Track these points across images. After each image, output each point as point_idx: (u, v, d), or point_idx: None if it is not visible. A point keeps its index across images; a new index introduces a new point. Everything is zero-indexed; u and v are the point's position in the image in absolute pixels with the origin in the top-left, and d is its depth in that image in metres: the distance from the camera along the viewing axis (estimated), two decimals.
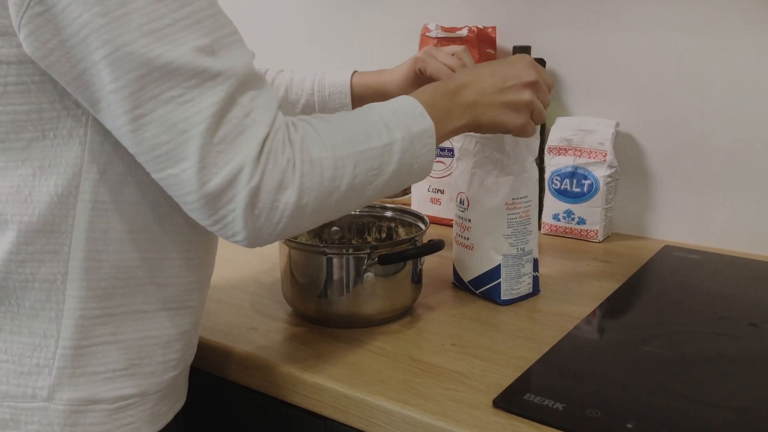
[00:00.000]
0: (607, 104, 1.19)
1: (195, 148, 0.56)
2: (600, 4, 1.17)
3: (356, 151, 0.65)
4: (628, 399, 0.68)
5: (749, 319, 0.86)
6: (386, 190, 0.70)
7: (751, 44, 1.06)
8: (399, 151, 0.68)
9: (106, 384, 0.65)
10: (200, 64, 0.56)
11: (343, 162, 0.64)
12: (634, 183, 1.19)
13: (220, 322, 0.87)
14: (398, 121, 0.69)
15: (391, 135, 0.68)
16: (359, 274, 0.82)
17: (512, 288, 0.90)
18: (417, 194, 1.27)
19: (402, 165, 0.69)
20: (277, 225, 0.61)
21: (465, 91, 0.76)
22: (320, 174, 0.62)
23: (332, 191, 0.63)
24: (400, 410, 0.68)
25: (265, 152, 0.59)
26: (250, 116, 0.59)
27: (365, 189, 0.67)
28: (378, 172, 0.67)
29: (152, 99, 0.56)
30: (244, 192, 0.58)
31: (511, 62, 0.79)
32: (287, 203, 0.60)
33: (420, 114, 0.71)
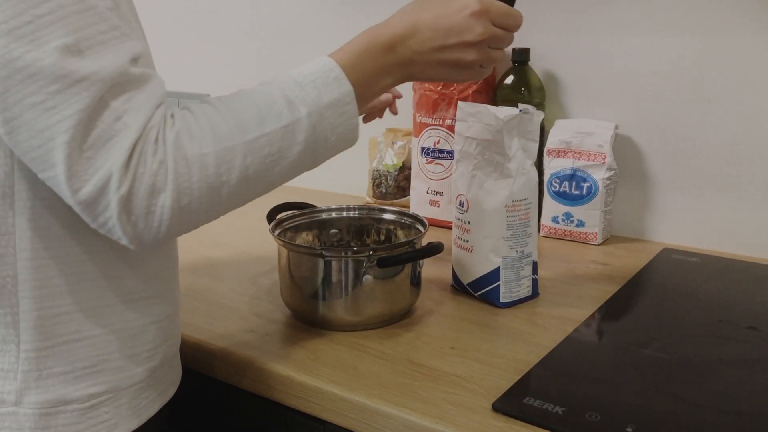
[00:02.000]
0: (606, 107, 1.19)
1: (61, 157, 0.54)
2: (599, 6, 1.17)
3: (246, 140, 0.61)
4: (627, 402, 0.68)
5: (748, 322, 0.86)
6: (300, 169, 0.66)
7: (750, 46, 1.06)
8: (305, 129, 0.64)
9: (75, 383, 0.64)
10: (63, 67, 0.53)
11: (229, 154, 0.60)
12: (633, 185, 1.19)
13: (218, 324, 0.86)
14: (304, 93, 0.65)
15: (293, 113, 0.64)
16: (358, 277, 0.82)
17: (511, 291, 0.90)
18: (416, 196, 1.27)
19: (313, 141, 0.65)
20: (159, 228, 0.59)
21: (400, 46, 0.70)
22: (200, 172, 0.59)
23: (219, 186, 0.60)
24: (399, 414, 0.67)
25: (135, 156, 0.56)
26: (122, 119, 0.56)
27: (267, 176, 0.64)
28: (279, 156, 0.63)
29: (17, 103, 0.54)
30: (114, 201, 0.56)
31: (456, 10, 0.71)
32: (164, 206, 0.58)
33: (335, 79, 0.66)
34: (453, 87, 1.20)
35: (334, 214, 0.98)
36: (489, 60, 0.74)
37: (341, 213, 0.98)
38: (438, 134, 1.22)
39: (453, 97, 1.19)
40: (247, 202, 0.65)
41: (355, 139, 0.69)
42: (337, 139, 0.67)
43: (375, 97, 0.72)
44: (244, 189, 0.63)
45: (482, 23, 0.71)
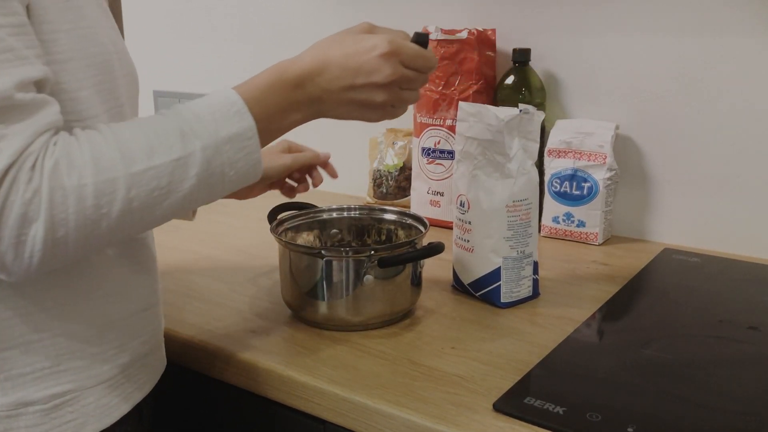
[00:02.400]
0: (606, 107, 1.19)
1: None
2: (600, 6, 1.17)
3: (131, 172, 0.58)
4: (628, 402, 0.68)
5: (749, 322, 0.86)
6: (194, 204, 0.63)
7: (751, 47, 1.06)
8: (198, 164, 0.61)
9: (36, 384, 0.64)
10: None
11: (111, 186, 0.57)
12: (634, 186, 1.19)
13: (219, 324, 0.86)
14: (201, 126, 0.62)
15: (187, 146, 0.60)
16: (359, 277, 0.82)
17: (512, 291, 0.90)
18: (416, 196, 1.27)
19: (208, 176, 0.62)
20: (30, 260, 0.56)
21: (309, 83, 0.68)
22: (77, 203, 0.56)
23: (99, 219, 0.57)
24: (400, 414, 0.67)
25: (5, 184, 0.54)
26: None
27: (153, 210, 0.60)
28: (168, 190, 0.60)
29: None
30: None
31: (365, 50, 0.69)
32: (35, 237, 0.55)
33: (236, 113, 0.63)
34: (453, 87, 1.20)
35: (334, 214, 0.98)
36: (400, 101, 0.73)
37: (342, 213, 0.98)
38: (438, 134, 1.22)
39: (454, 98, 1.19)
40: (135, 235, 0.62)
41: (259, 175, 0.66)
42: (237, 174, 0.64)
43: (283, 133, 0.69)
44: (126, 223, 0.59)
45: (391, 65, 0.69)
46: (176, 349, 0.84)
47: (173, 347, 0.84)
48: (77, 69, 0.62)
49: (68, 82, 0.61)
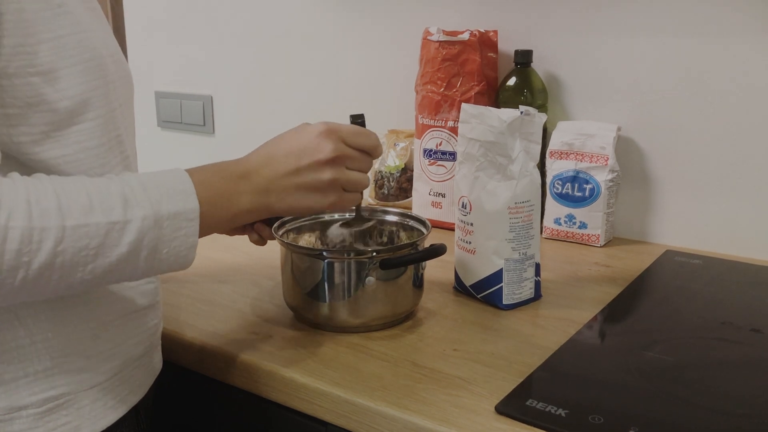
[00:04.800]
0: (608, 108, 1.19)
1: None
2: (602, 8, 1.17)
3: (65, 224, 0.55)
4: (630, 405, 0.68)
5: (751, 324, 0.85)
6: (116, 276, 0.60)
7: (753, 48, 1.06)
8: (134, 232, 0.59)
9: (29, 388, 0.63)
10: None
11: (41, 235, 0.54)
12: (636, 187, 1.19)
13: (220, 326, 0.86)
14: (145, 196, 0.60)
15: (127, 213, 0.58)
16: (361, 279, 0.82)
17: (514, 292, 0.90)
18: (418, 198, 1.27)
19: (140, 249, 0.59)
20: None
21: (254, 175, 0.69)
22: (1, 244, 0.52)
23: (16, 267, 0.54)
24: (402, 416, 0.67)
25: None
26: None
27: (75, 272, 0.57)
28: (97, 253, 0.57)
29: None
30: None
31: (305, 134, 0.72)
32: None
33: (182, 192, 0.62)
34: (455, 89, 1.20)
35: (336, 215, 0.98)
36: (349, 182, 0.74)
37: (344, 214, 0.98)
38: (440, 136, 1.22)
39: (455, 99, 1.19)
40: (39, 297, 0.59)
41: (190, 262, 0.64)
42: (169, 254, 0.62)
43: (228, 225, 0.68)
44: (42, 280, 0.56)
45: (332, 141, 0.71)
46: (177, 350, 0.84)
47: (174, 348, 0.84)
48: (72, 75, 0.62)
49: (64, 89, 0.61)
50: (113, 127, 0.67)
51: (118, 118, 0.68)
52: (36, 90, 0.59)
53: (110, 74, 0.66)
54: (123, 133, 0.70)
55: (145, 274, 0.63)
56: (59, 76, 0.61)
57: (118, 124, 0.68)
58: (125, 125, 0.71)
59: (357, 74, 1.46)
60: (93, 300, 0.67)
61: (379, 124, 1.42)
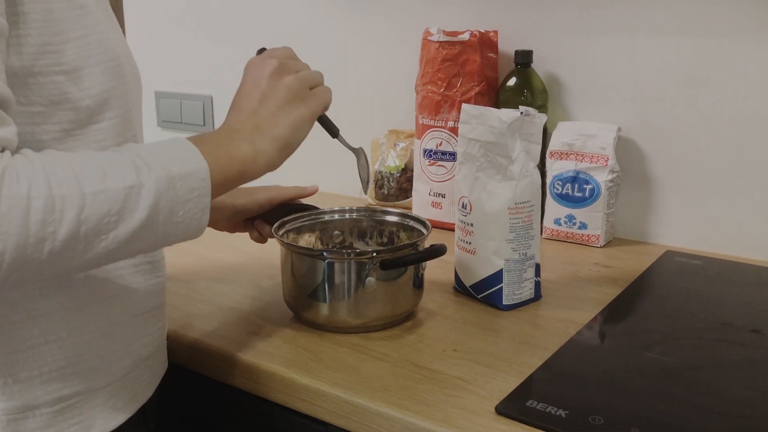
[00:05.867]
0: (608, 109, 1.19)
1: None
2: (602, 8, 1.17)
3: (84, 191, 0.55)
4: (630, 405, 0.67)
5: (752, 325, 0.85)
6: (136, 245, 0.59)
7: (753, 49, 1.06)
8: (151, 195, 0.58)
9: (43, 387, 0.64)
10: None
11: (63, 203, 0.53)
12: (636, 188, 1.19)
13: (220, 326, 0.86)
14: (155, 161, 0.60)
15: (140, 177, 0.58)
16: (361, 279, 0.82)
17: (514, 293, 0.90)
18: (418, 198, 1.27)
19: (158, 212, 0.59)
20: None
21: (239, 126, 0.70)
22: (24, 216, 0.51)
23: (43, 239, 0.53)
24: (402, 416, 0.67)
25: None
26: None
27: (99, 240, 0.56)
28: (119, 219, 0.56)
29: None
30: None
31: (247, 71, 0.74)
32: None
33: (188, 154, 0.62)
34: (455, 89, 1.20)
35: (336, 215, 0.98)
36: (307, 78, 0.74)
37: (344, 215, 0.98)
38: (440, 136, 1.22)
39: (456, 99, 1.19)
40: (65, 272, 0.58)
41: (204, 226, 0.64)
42: (185, 216, 0.61)
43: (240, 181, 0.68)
44: (69, 251, 0.55)
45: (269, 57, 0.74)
46: (178, 350, 0.84)
47: (175, 349, 0.84)
48: (94, 74, 0.63)
49: (87, 88, 0.62)
50: (129, 127, 0.68)
51: (134, 118, 0.70)
52: (60, 88, 0.60)
53: (126, 74, 0.67)
54: (138, 132, 0.71)
55: (163, 241, 0.62)
56: (83, 75, 0.62)
57: (134, 123, 0.70)
58: (138, 125, 0.72)
59: (357, 74, 1.46)
60: (105, 300, 0.67)
61: (379, 124, 1.42)
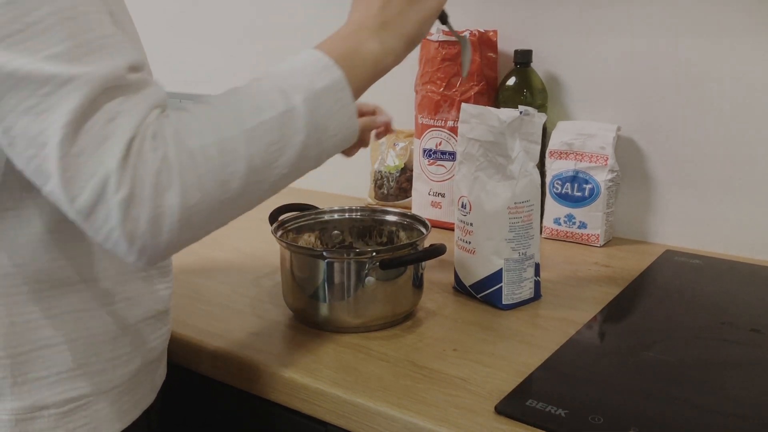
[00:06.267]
0: (608, 108, 1.19)
1: (55, 163, 0.52)
2: (601, 8, 1.17)
3: (246, 128, 0.59)
4: (630, 405, 0.67)
5: (751, 324, 0.85)
6: (304, 164, 0.63)
7: (752, 48, 1.06)
8: (303, 115, 0.61)
9: (52, 388, 0.64)
10: (52, 70, 0.51)
11: (232, 144, 0.57)
12: (636, 187, 1.19)
13: (220, 326, 0.86)
14: (296, 81, 0.63)
15: (288, 101, 0.61)
16: (360, 279, 0.82)
17: (514, 293, 0.90)
18: (418, 198, 1.27)
19: (314, 130, 0.62)
20: (170, 234, 0.55)
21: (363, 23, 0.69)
22: (205, 164, 0.56)
23: (227, 180, 0.57)
24: (402, 416, 0.67)
25: (132, 155, 0.53)
26: (115, 121, 0.53)
27: (272, 168, 0.60)
28: (282, 145, 0.60)
29: (11, 111, 0.52)
30: (114, 206, 0.52)
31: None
32: (173, 206, 0.54)
33: (323, 67, 0.64)
34: (455, 88, 1.20)
35: (336, 215, 0.98)
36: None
37: (343, 214, 0.98)
38: (440, 136, 1.22)
39: (455, 99, 1.19)
40: (254, 203, 0.62)
41: (355, 129, 0.66)
42: (337, 126, 0.64)
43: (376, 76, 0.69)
44: (252, 184, 0.59)
45: None
46: (177, 350, 0.84)
47: (174, 349, 0.83)
48: None
49: None
50: None
51: None
52: None
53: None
54: None
55: (326, 154, 0.65)
56: None
57: None
58: None
59: None
60: (116, 303, 0.67)
61: None
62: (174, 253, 0.58)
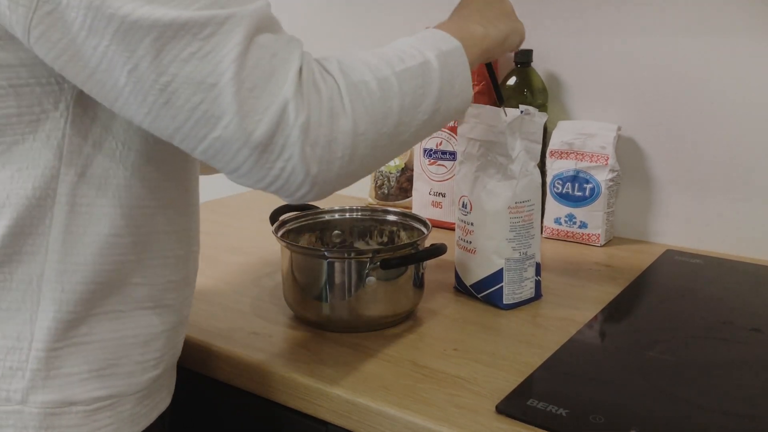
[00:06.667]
0: (608, 108, 1.19)
1: (230, 99, 0.54)
2: (602, 8, 1.17)
3: (396, 70, 0.64)
4: (631, 405, 0.67)
5: (752, 324, 0.85)
6: (438, 118, 0.68)
7: (753, 48, 1.06)
8: (437, 69, 0.67)
9: (82, 385, 0.64)
10: (207, 14, 0.53)
11: (388, 82, 0.63)
12: (636, 187, 1.19)
13: (221, 326, 0.86)
14: (426, 44, 0.69)
15: (424, 54, 0.67)
16: (361, 279, 0.82)
17: (514, 292, 0.90)
18: (418, 198, 1.27)
19: (444, 83, 0.68)
20: (342, 161, 0.59)
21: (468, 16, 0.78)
22: (369, 97, 0.61)
23: (386, 114, 0.62)
24: (403, 416, 0.67)
25: (305, 84, 0.57)
26: (278, 56, 0.56)
27: (417, 112, 0.65)
28: (424, 90, 0.66)
29: (173, 62, 0.53)
30: (295, 131, 0.55)
31: None
32: (346, 132, 0.58)
33: (442, 37, 0.71)
34: None
35: (336, 215, 0.98)
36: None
37: (344, 214, 0.98)
38: (440, 135, 1.22)
39: None
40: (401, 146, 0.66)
41: (471, 95, 0.71)
42: (460, 86, 0.69)
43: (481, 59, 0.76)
44: (403, 124, 0.64)
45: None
46: None
47: None
48: None
49: None
50: None
51: None
52: None
53: None
54: None
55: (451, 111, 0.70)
56: None
57: None
58: None
59: None
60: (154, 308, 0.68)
61: None
62: (340, 188, 0.62)
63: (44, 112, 0.59)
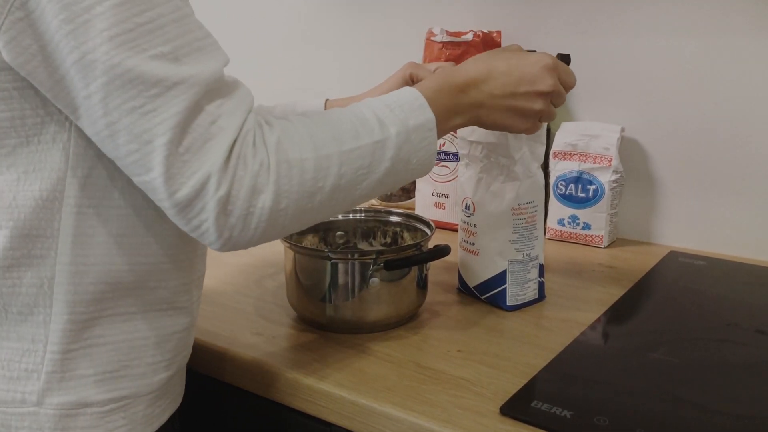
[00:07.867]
0: (612, 109, 1.19)
1: (160, 159, 0.56)
2: (605, 8, 1.17)
3: (343, 149, 0.63)
4: (635, 406, 0.67)
5: (757, 326, 0.85)
6: (380, 189, 0.67)
7: (757, 49, 1.06)
8: (393, 148, 0.66)
9: (96, 387, 0.65)
10: (160, 73, 0.55)
11: (327, 162, 0.62)
12: (640, 188, 1.19)
13: (224, 327, 0.86)
14: (393, 115, 0.67)
15: (384, 131, 0.66)
16: (365, 280, 0.81)
17: (518, 294, 0.90)
18: (421, 199, 1.27)
19: (398, 162, 0.66)
20: (255, 231, 0.60)
21: (473, 90, 0.72)
22: (300, 175, 0.60)
23: (314, 193, 0.62)
24: (407, 417, 0.67)
25: (233, 158, 0.57)
26: (217, 123, 0.57)
27: (354, 189, 0.65)
28: (369, 170, 0.65)
29: (117, 108, 0.55)
30: (212, 202, 0.57)
31: (530, 62, 0.75)
32: (263, 208, 0.59)
33: (420, 106, 0.68)
34: None
35: (340, 216, 0.98)
36: (548, 114, 0.77)
37: (347, 215, 0.98)
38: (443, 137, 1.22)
39: None
40: (327, 216, 0.66)
41: (431, 167, 0.71)
42: (417, 162, 0.68)
43: (444, 134, 0.73)
44: (334, 199, 0.63)
45: (553, 77, 0.75)
46: None
47: None
48: None
49: None
50: None
51: None
52: None
53: None
54: None
55: (400, 183, 0.69)
56: None
57: None
58: None
59: (360, 75, 1.46)
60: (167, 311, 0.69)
61: None
62: (255, 245, 0.62)
63: (49, 114, 0.59)
